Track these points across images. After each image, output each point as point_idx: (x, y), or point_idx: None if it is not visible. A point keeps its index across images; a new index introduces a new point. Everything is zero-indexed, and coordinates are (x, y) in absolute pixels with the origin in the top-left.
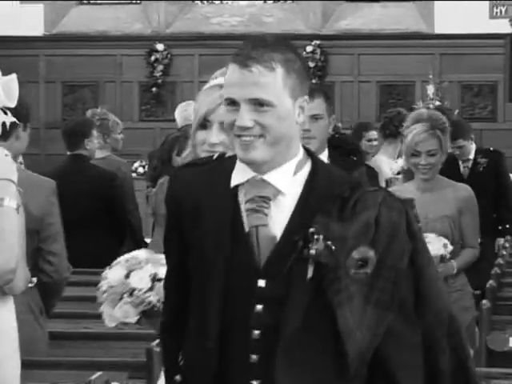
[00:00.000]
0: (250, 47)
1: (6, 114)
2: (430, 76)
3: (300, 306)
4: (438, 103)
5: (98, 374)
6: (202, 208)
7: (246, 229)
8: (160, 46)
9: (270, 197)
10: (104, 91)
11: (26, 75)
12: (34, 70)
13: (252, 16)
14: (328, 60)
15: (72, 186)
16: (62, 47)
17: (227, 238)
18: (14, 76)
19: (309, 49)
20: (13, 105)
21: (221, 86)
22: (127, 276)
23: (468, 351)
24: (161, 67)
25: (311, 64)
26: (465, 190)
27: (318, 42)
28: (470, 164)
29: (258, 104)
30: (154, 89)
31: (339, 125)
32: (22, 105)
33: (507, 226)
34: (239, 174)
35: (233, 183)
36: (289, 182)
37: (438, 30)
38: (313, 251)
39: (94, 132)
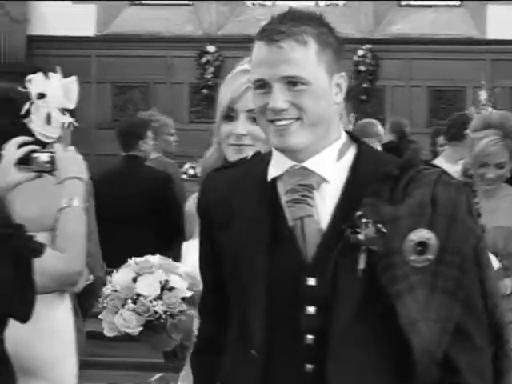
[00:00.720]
0: (278, 21)
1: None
2: (483, 82)
3: (352, 303)
4: (490, 109)
5: (159, 375)
6: (235, 210)
7: (290, 223)
8: (211, 48)
9: (313, 185)
10: (154, 92)
11: (78, 75)
12: (85, 71)
13: None
14: (379, 64)
15: (127, 187)
16: (114, 48)
17: (265, 236)
18: (73, 78)
19: (360, 53)
20: (72, 106)
21: (245, 71)
22: (134, 280)
23: None
24: (212, 69)
25: (362, 68)
26: None
27: (369, 46)
28: None
29: (292, 83)
30: (204, 90)
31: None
32: None
33: None
34: (276, 166)
35: (270, 176)
36: (332, 168)
37: (490, 36)
38: (361, 236)
39: (149, 133)
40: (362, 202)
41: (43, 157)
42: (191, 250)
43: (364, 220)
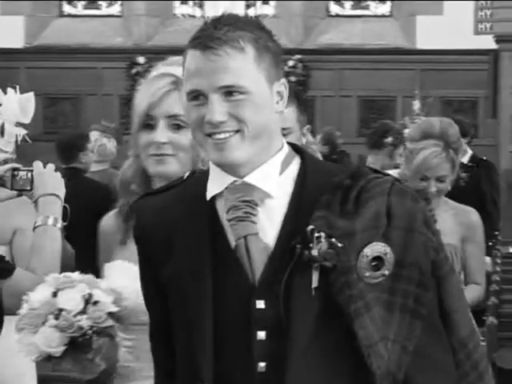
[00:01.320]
0: (212, 27)
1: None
2: (416, 91)
3: (307, 325)
4: (424, 119)
5: None
6: (173, 238)
7: (232, 243)
8: (141, 59)
9: (255, 201)
10: (85, 104)
11: (7, 87)
12: (14, 83)
13: None
14: (310, 74)
15: (68, 200)
16: (43, 59)
17: (207, 261)
18: (31, 94)
19: (290, 63)
20: (27, 121)
21: (163, 75)
22: (54, 295)
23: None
24: (142, 80)
25: (293, 78)
26: (471, 215)
27: (299, 56)
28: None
29: (230, 93)
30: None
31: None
32: None
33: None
34: (215, 183)
35: (209, 195)
36: (276, 181)
37: (420, 46)
38: (315, 252)
39: (89, 145)
40: (313, 215)
41: (24, 175)
42: (114, 273)
43: (316, 234)
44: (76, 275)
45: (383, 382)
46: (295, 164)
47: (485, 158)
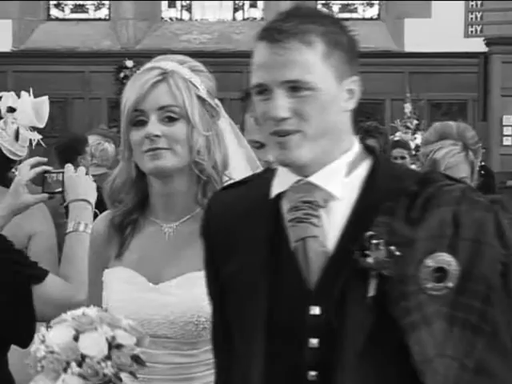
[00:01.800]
0: (281, 19)
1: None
2: (408, 94)
3: (360, 334)
4: (415, 122)
5: None
6: (236, 233)
7: (292, 244)
8: (129, 63)
9: (318, 201)
10: (72, 108)
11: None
12: (2, 86)
13: (221, 33)
14: None
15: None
16: (31, 63)
17: (265, 261)
18: (45, 98)
19: None
20: (42, 125)
21: (150, 69)
22: (75, 338)
23: None
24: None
25: None
26: None
27: None
28: None
29: (295, 88)
30: None
31: None
32: None
33: None
34: (280, 181)
35: (273, 193)
36: (341, 183)
37: (408, 49)
38: (371, 260)
39: (88, 149)
40: (375, 221)
41: (55, 178)
42: (114, 280)
43: (375, 241)
44: (93, 312)
45: None
46: (365, 166)
47: (483, 163)
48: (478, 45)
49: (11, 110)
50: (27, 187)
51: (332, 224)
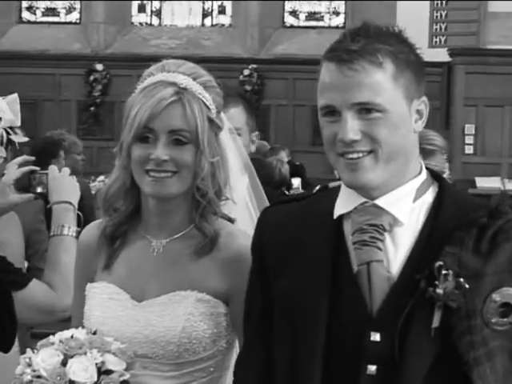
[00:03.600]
0: (349, 39)
1: (9, 134)
2: None
3: (421, 365)
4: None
5: None
6: (294, 250)
7: (355, 268)
8: (99, 66)
9: (384, 225)
10: (43, 110)
11: None
12: None
13: (190, 39)
14: (264, 84)
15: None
16: (1, 65)
17: (326, 282)
18: (15, 95)
19: (246, 72)
20: (19, 123)
21: (163, 83)
22: (64, 363)
23: None
24: (99, 87)
25: (248, 87)
26: None
27: (254, 66)
28: None
29: (365, 110)
30: (92, 108)
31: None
32: None
33: None
34: (344, 202)
35: (336, 213)
36: (408, 208)
37: None
38: (440, 291)
39: (62, 153)
40: (443, 250)
41: (41, 178)
42: (97, 296)
43: (444, 272)
44: (83, 335)
45: None
46: (432, 192)
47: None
48: (441, 55)
49: None
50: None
51: (397, 250)
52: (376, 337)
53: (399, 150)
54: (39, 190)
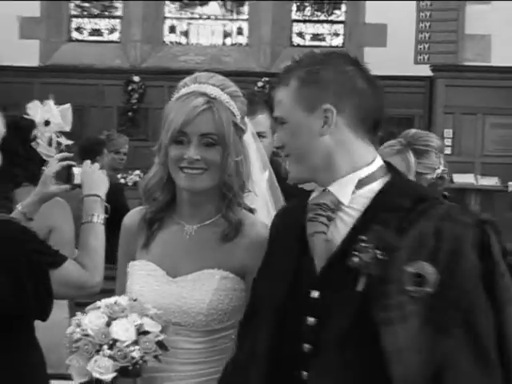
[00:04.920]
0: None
1: (57, 137)
2: None
3: (344, 321)
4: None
5: None
6: (279, 236)
7: (308, 239)
8: (136, 78)
9: (327, 204)
10: (89, 115)
11: (23, 99)
12: (29, 96)
13: (213, 56)
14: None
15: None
16: (54, 77)
17: (294, 250)
18: (68, 105)
19: (259, 84)
20: (68, 129)
21: (195, 94)
22: (108, 324)
23: None
24: (136, 95)
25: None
26: None
27: (266, 78)
28: None
29: (279, 123)
30: (129, 113)
31: None
32: None
33: None
34: (316, 192)
35: (309, 200)
36: (349, 192)
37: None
38: (356, 259)
39: (105, 150)
40: (370, 227)
41: (77, 172)
42: (137, 272)
43: (364, 245)
44: (124, 300)
45: None
46: (380, 182)
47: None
48: (425, 70)
49: (47, 123)
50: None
51: (342, 227)
52: (315, 294)
53: (305, 152)
54: (75, 182)
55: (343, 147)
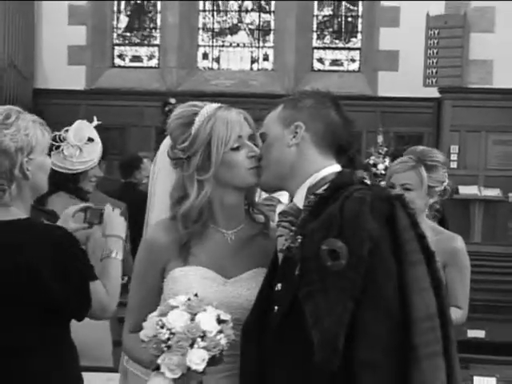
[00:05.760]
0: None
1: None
2: (380, 128)
3: (286, 304)
4: (385, 149)
5: None
6: None
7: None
8: (172, 100)
9: (287, 210)
10: (130, 134)
11: (70, 120)
12: (76, 116)
13: (241, 80)
14: None
15: (128, 205)
16: (99, 99)
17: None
18: (92, 123)
19: None
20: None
21: (227, 108)
22: (192, 319)
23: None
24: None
25: None
26: (453, 240)
27: None
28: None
29: (262, 140)
30: (166, 132)
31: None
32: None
33: None
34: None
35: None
36: (303, 199)
37: (381, 94)
38: (281, 247)
39: (142, 166)
40: (300, 219)
41: (95, 212)
42: (191, 276)
43: (292, 234)
44: (193, 298)
45: (320, 349)
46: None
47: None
48: (433, 92)
49: (90, 140)
50: (73, 218)
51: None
52: (278, 286)
53: (276, 161)
54: (92, 221)
55: (305, 159)
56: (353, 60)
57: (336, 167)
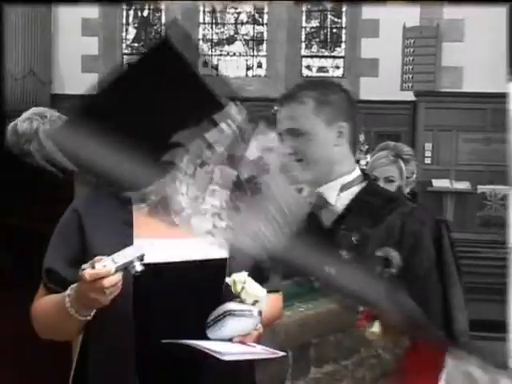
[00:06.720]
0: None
1: None
2: (362, 128)
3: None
4: (366, 146)
5: None
6: None
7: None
8: None
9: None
10: None
11: None
12: None
13: (238, 85)
14: None
15: None
16: None
17: None
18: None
19: (276, 108)
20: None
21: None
22: None
23: None
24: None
25: None
26: None
27: None
28: None
29: (294, 134)
30: None
31: None
32: None
33: None
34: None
35: None
36: (336, 195)
37: (363, 97)
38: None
39: None
40: (350, 220)
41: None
42: None
43: (343, 232)
44: None
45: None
46: (359, 186)
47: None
48: (409, 96)
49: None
50: None
51: (330, 218)
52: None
53: (319, 158)
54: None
55: (342, 158)
56: (337, 67)
57: (358, 168)
